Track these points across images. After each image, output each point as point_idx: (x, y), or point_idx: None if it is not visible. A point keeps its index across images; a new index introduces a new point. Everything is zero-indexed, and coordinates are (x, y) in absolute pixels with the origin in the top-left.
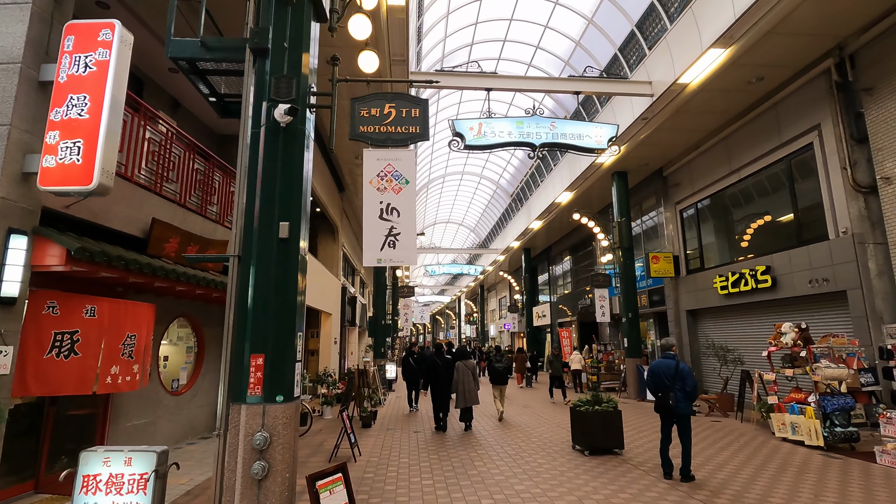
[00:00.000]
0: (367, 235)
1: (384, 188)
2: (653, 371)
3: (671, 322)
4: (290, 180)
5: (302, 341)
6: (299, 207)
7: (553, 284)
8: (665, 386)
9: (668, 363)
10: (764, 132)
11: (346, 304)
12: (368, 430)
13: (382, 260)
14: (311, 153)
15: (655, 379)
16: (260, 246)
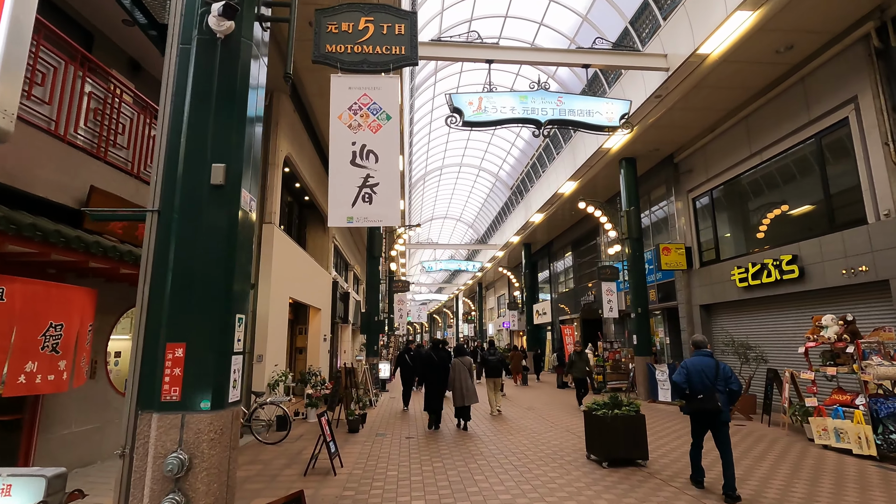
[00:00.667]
0: (335, 186)
1: (358, 125)
2: (691, 370)
3: (683, 318)
4: (229, 109)
5: (243, 327)
6: (241, 145)
7: (554, 281)
8: (709, 387)
9: (708, 361)
10: (790, 109)
11: (337, 299)
12: (355, 436)
13: (355, 218)
14: (263, 78)
15: (696, 378)
16: (185, 197)
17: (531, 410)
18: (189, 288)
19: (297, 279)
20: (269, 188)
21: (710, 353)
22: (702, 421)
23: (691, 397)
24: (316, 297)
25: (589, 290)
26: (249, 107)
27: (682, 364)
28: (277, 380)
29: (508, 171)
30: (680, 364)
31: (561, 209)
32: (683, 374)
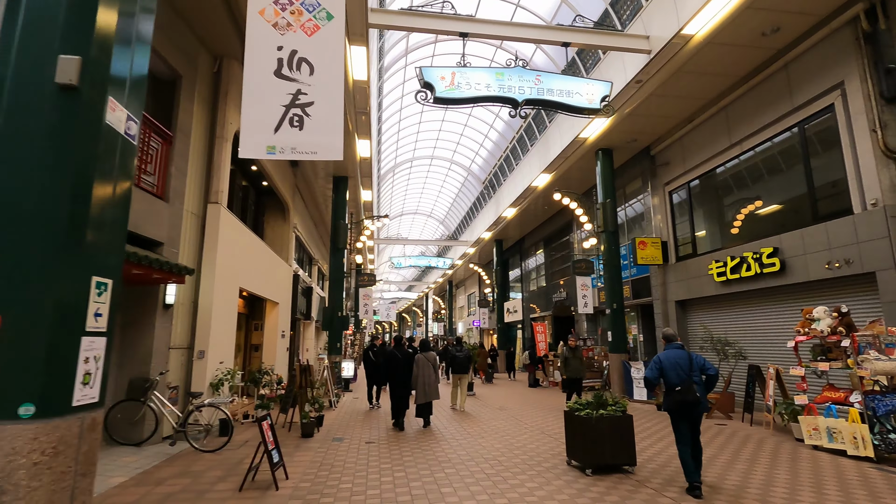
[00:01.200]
0: (251, 105)
1: (287, 25)
2: (665, 363)
3: (658, 314)
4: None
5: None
6: (112, 36)
7: (525, 279)
8: (685, 378)
9: (681, 353)
10: (772, 97)
11: (298, 294)
12: (309, 442)
13: (278, 148)
14: None
15: (671, 372)
16: (15, 100)
17: (503, 410)
18: (16, 231)
19: (252, 269)
20: (217, 165)
21: (682, 346)
22: (682, 415)
23: (669, 391)
24: (273, 290)
25: (560, 288)
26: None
27: (655, 358)
28: (222, 379)
29: (481, 164)
30: (652, 359)
31: (534, 204)
32: (656, 368)
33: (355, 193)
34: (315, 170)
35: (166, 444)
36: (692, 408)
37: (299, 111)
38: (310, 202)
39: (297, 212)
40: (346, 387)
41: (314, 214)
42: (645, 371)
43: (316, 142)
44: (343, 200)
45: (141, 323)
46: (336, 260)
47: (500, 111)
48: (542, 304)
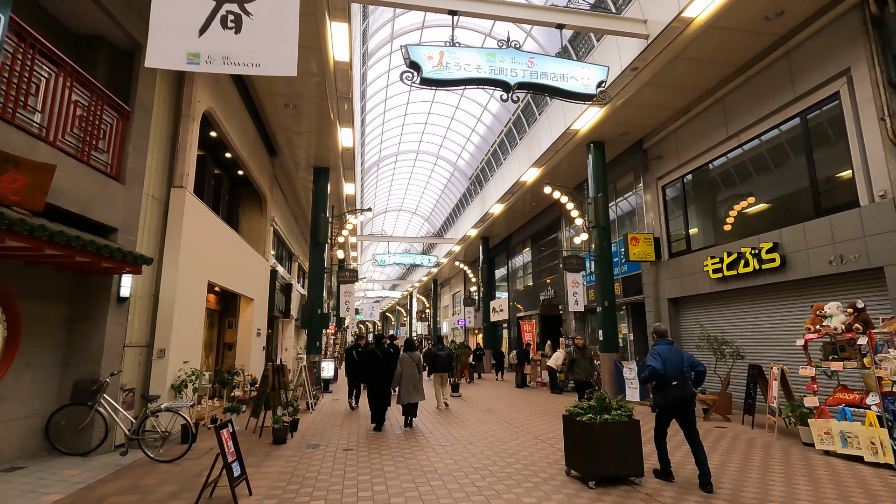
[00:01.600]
0: None
1: None
2: (664, 357)
3: (649, 312)
4: None
5: None
6: None
7: (512, 278)
8: (680, 374)
9: (674, 349)
10: (772, 87)
11: (276, 290)
12: (281, 449)
13: (205, 56)
14: None
15: (669, 366)
16: None
17: (491, 413)
18: None
19: (223, 262)
20: (182, 146)
21: (672, 342)
22: (677, 411)
23: (665, 386)
24: (248, 285)
25: (548, 286)
26: None
27: (654, 351)
28: (185, 380)
29: (468, 159)
30: (650, 352)
31: (522, 200)
32: (659, 360)
33: (337, 186)
34: (295, 159)
35: (118, 453)
36: (688, 403)
37: (235, 7)
38: (290, 195)
39: (276, 205)
40: (326, 388)
41: (294, 209)
42: (649, 363)
43: (259, 51)
44: (324, 192)
45: (91, 318)
46: (316, 255)
47: (488, 103)
48: (528, 303)
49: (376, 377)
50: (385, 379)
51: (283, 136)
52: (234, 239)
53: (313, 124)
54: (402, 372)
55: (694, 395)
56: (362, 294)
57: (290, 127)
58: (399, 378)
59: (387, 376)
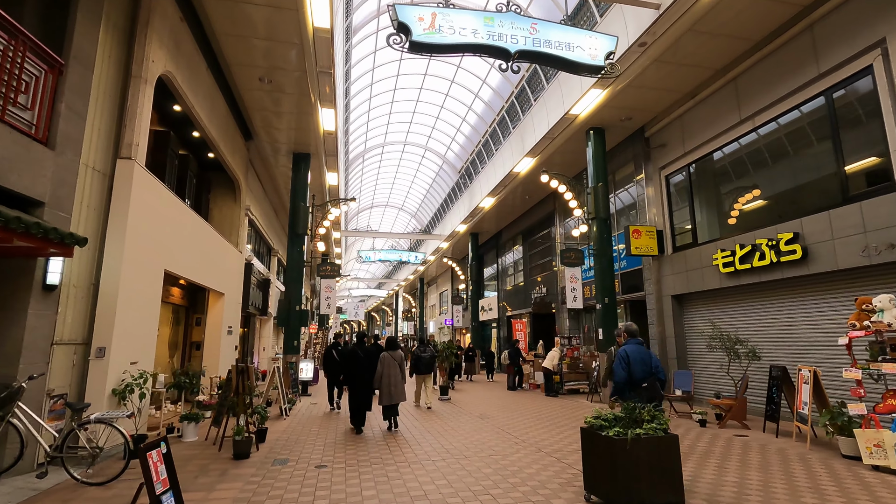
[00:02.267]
0: None
1: None
2: (633, 358)
3: (651, 310)
4: None
5: None
6: None
7: (502, 276)
8: (649, 375)
9: (643, 349)
10: (793, 64)
11: (252, 286)
12: (241, 466)
13: None
14: None
15: (638, 367)
16: None
17: (485, 420)
18: None
19: (187, 250)
20: (132, 112)
21: (642, 342)
22: None
23: (634, 387)
24: (218, 278)
25: (540, 284)
26: None
27: (621, 353)
28: (131, 384)
29: (458, 151)
30: (616, 355)
31: (514, 193)
32: (625, 364)
33: (319, 176)
34: (273, 144)
35: (36, 475)
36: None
37: None
38: (268, 185)
39: (252, 194)
40: (305, 390)
41: (274, 200)
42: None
43: None
44: (304, 180)
45: (6, 308)
46: (295, 246)
47: (480, 90)
48: (519, 302)
49: (357, 377)
50: (366, 379)
51: (259, 118)
52: (201, 226)
53: (292, 104)
54: (383, 372)
55: (662, 398)
56: (347, 293)
57: (267, 106)
58: (380, 378)
59: (368, 377)
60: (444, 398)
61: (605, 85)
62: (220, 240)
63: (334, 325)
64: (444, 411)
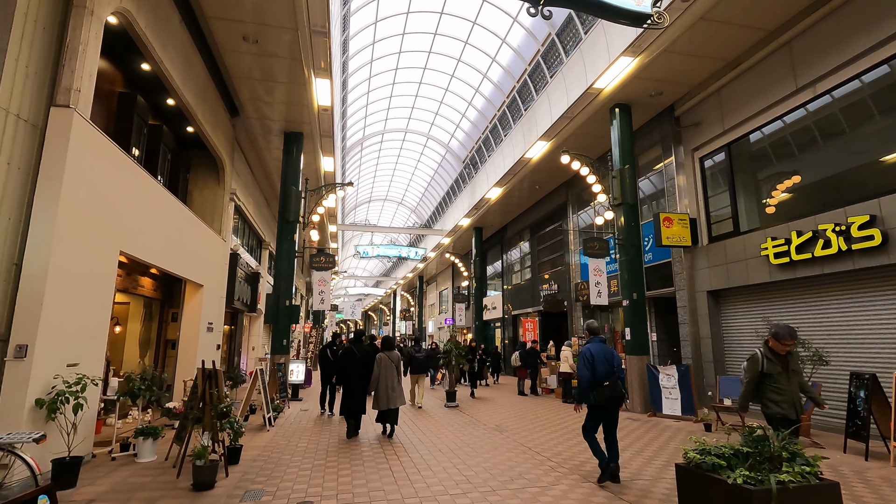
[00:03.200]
0: None
1: None
2: (597, 357)
3: (682, 308)
4: None
5: None
6: None
7: (507, 273)
8: (612, 373)
9: (606, 347)
10: (867, 20)
11: (239, 278)
12: (204, 498)
13: None
14: None
15: (601, 366)
16: None
17: (504, 434)
18: None
19: (154, 232)
20: (73, 48)
21: (605, 340)
22: (603, 412)
23: (596, 386)
24: (196, 267)
25: (549, 281)
26: None
27: (585, 352)
28: (63, 393)
29: (462, 139)
30: (581, 354)
31: (523, 183)
32: (589, 363)
33: (314, 161)
34: (263, 121)
35: None
36: (618, 403)
37: None
38: (259, 171)
39: (241, 179)
40: (296, 394)
41: (265, 188)
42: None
43: None
44: (296, 162)
45: None
46: (285, 236)
47: (489, 69)
48: (526, 299)
49: (351, 379)
50: (361, 381)
51: (245, 89)
52: (174, 206)
53: (283, 71)
54: (379, 374)
55: (623, 397)
56: (343, 291)
57: (254, 74)
58: (376, 381)
59: (363, 378)
60: (451, 405)
61: (637, 51)
62: (198, 224)
63: (330, 324)
64: (454, 421)
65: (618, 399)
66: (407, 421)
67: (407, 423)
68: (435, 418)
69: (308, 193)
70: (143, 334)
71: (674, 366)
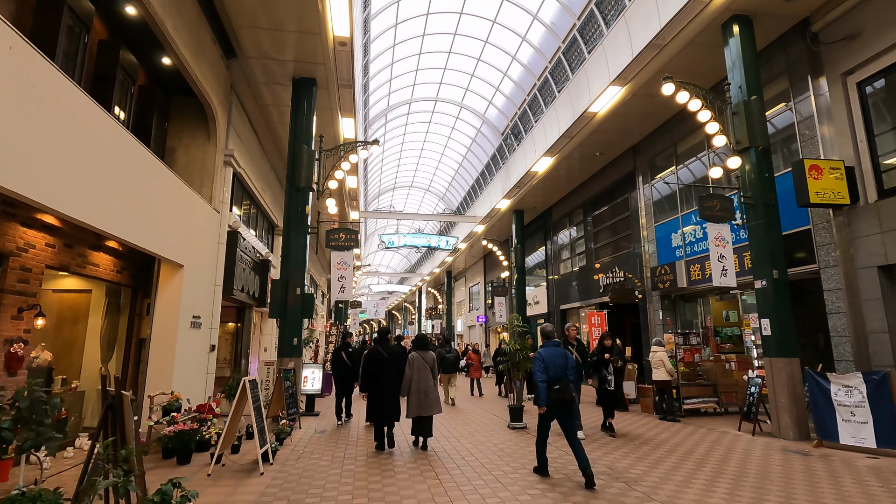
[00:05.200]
0: None
1: None
2: (548, 361)
3: (832, 291)
4: None
5: None
6: None
7: (553, 261)
8: (563, 377)
9: (559, 351)
10: None
11: (239, 262)
12: None
13: None
14: None
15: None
16: None
17: (632, 489)
18: None
19: (102, 183)
20: None
21: (558, 343)
22: (557, 412)
23: (548, 388)
24: (173, 241)
25: (612, 267)
26: None
27: (537, 356)
28: None
29: (502, 104)
30: (534, 358)
31: (576, 154)
32: (541, 365)
33: (332, 123)
34: (263, 62)
35: None
36: (568, 405)
37: None
38: (265, 136)
39: (243, 143)
40: (311, 407)
41: (275, 161)
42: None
43: None
44: (307, 115)
45: None
46: (294, 204)
47: (539, 8)
48: (580, 290)
49: (381, 383)
50: (392, 386)
51: (239, 14)
52: (137, 154)
53: None
54: (412, 376)
55: (573, 399)
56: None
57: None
58: (409, 384)
59: (394, 383)
60: (517, 425)
61: None
62: (178, 186)
63: (353, 323)
64: (525, 454)
65: (567, 401)
66: (473, 449)
67: (472, 449)
68: (500, 446)
69: (323, 155)
70: (108, 331)
71: (858, 374)
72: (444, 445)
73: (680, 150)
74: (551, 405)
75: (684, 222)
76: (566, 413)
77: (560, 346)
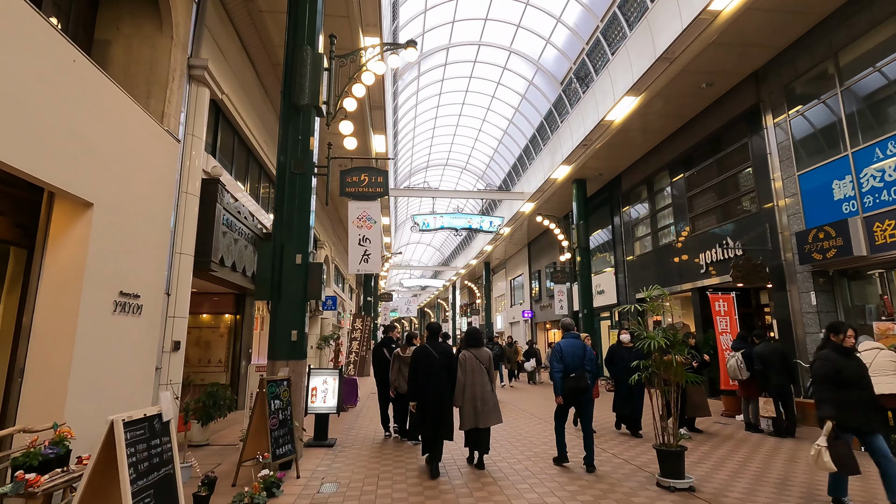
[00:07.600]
0: None
1: None
2: (566, 351)
3: None
4: None
5: None
6: None
7: (626, 240)
8: (579, 367)
9: (578, 343)
10: None
11: (222, 225)
12: None
13: None
14: None
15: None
16: None
17: None
18: None
19: None
20: None
21: (578, 335)
22: (573, 400)
23: (564, 377)
24: (83, 164)
25: (721, 240)
26: None
27: (556, 348)
28: None
29: (564, 42)
30: (552, 350)
31: (673, 90)
32: (559, 356)
33: (349, 33)
34: None
35: None
36: (582, 394)
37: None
38: (266, 70)
39: (223, 55)
40: (322, 434)
41: (271, 54)
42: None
43: None
44: (311, 3)
45: None
46: (290, 130)
47: None
48: (668, 273)
49: (431, 389)
50: (445, 392)
51: None
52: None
53: None
54: (465, 381)
55: (587, 388)
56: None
57: None
58: (462, 390)
59: (447, 387)
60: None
61: None
62: (97, 79)
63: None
64: None
65: (582, 390)
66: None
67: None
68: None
69: (335, 62)
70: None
71: None
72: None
73: (844, 61)
74: (567, 394)
75: (862, 160)
76: (581, 401)
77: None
